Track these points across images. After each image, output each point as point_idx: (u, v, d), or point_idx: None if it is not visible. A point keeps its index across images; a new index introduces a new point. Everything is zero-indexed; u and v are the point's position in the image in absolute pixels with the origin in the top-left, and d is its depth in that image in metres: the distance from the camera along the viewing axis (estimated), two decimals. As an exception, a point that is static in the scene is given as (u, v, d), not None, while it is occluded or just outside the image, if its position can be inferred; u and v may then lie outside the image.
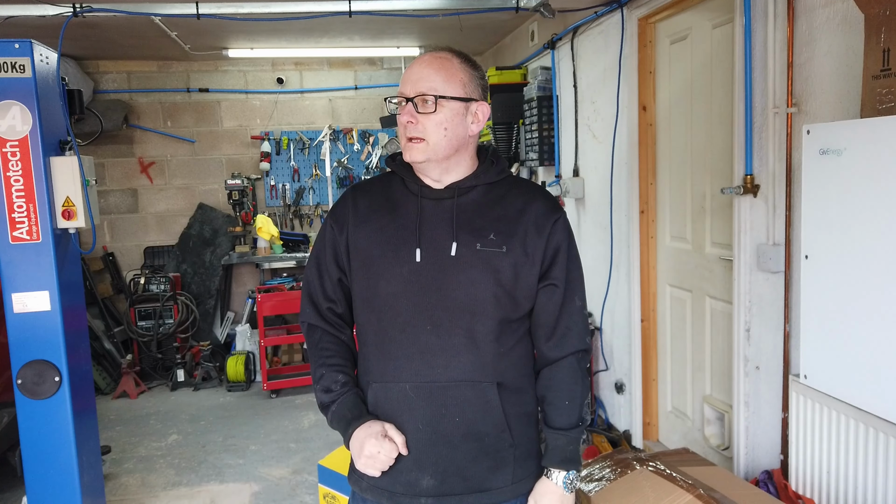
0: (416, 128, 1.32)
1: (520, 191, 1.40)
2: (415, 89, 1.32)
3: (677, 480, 1.84)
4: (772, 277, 2.44)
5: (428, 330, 1.32)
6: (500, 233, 1.33)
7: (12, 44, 2.38)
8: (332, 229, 1.43)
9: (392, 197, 1.41)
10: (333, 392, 1.38)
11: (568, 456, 1.37)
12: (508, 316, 1.34)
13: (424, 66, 1.33)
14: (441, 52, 1.36)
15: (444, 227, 1.34)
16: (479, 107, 1.37)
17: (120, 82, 5.57)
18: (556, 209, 1.39)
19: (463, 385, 1.32)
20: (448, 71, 1.33)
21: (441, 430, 1.33)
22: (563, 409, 1.37)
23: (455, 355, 1.32)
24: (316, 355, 1.43)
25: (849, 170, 1.83)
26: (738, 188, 2.47)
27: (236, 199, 5.39)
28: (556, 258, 1.36)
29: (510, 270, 1.32)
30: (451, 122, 1.32)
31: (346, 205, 1.44)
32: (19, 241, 2.45)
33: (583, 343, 1.40)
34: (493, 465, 1.36)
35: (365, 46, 5.27)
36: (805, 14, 2.21)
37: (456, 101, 1.32)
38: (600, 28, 3.57)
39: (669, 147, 3.22)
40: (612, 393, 3.71)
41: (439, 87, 1.31)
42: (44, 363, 2.51)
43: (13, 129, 2.40)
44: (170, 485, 3.46)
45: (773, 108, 2.33)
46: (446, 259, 1.32)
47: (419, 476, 1.35)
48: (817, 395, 2.03)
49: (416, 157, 1.33)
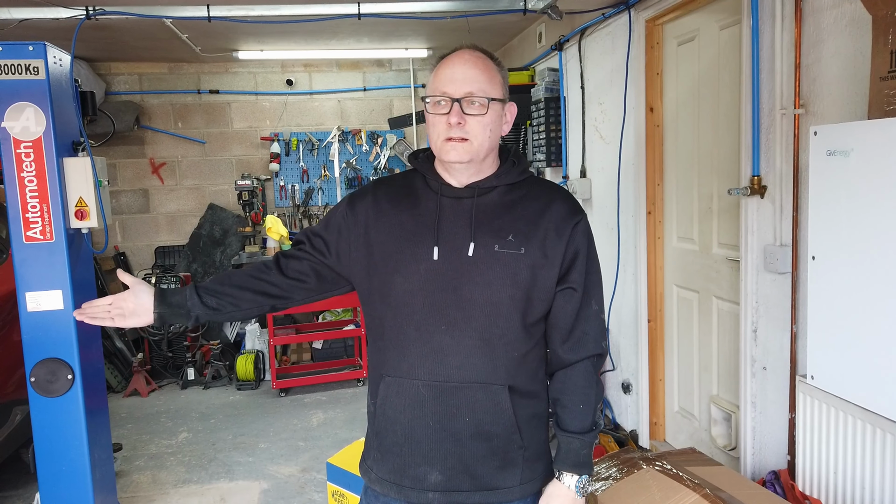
0: (463, 129, 1.29)
1: (540, 192, 1.38)
2: (462, 90, 1.28)
3: (684, 480, 1.85)
4: (779, 278, 2.45)
5: (443, 330, 1.31)
6: (518, 234, 1.32)
7: (26, 46, 2.41)
8: (346, 217, 1.43)
9: (413, 193, 1.40)
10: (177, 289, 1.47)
11: (581, 460, 1.36)
12: (525, 319, 1.33)
13: (469, 66, 1.30)
14: (478, 52, 1.34)
15: (463, 226, 1.33)
16: (510, 107, 1.38)
17: (131, 84, 5.62)
18: (576, 212, 1.37)
19: (475, 386, 1.32)
20: (490, 72, 1.32)
21: (451, 429, 1.34)
22: (577, 412, 1.36)
23: (468, 356, 1.31)
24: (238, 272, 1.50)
25: (856, 171, 1.83)
26: (745, 189, 2.47)
27: (246, 200, 5.42)
28: (576, 262, 1.34)
29: (528, 273, 1.31)
30: (495, 124, 1.32)
31: (366, 198, 1.43)
32: (33, 241, 2.49)
33: (598, 347, 1.38)
34: (501, 464, 1.36)
35: (373, 48, 5.30)
36: (812, 15, 2.21)
37: (499, 103, 1.33)
38: (608, 30, 3.58)
39: (676, 148, 3.22)
40: (619, 393, 3.71)
41: (487, 88, 1.30)
42: (57, 361, 2.54)
43: (27, 130, 2.44)
44: (180, 482, 3.49)
45: (781, 109, 2.33)
46: (463, 259, 1.31)
47: (427, 471, 1.36)
48: (824, 396, 2.03)
49: (462, 157, 1.30)
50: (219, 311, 1.46)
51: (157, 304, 1.43)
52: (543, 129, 4.17)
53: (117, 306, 1.45)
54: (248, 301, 1.46)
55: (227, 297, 1.45)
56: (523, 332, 1.33)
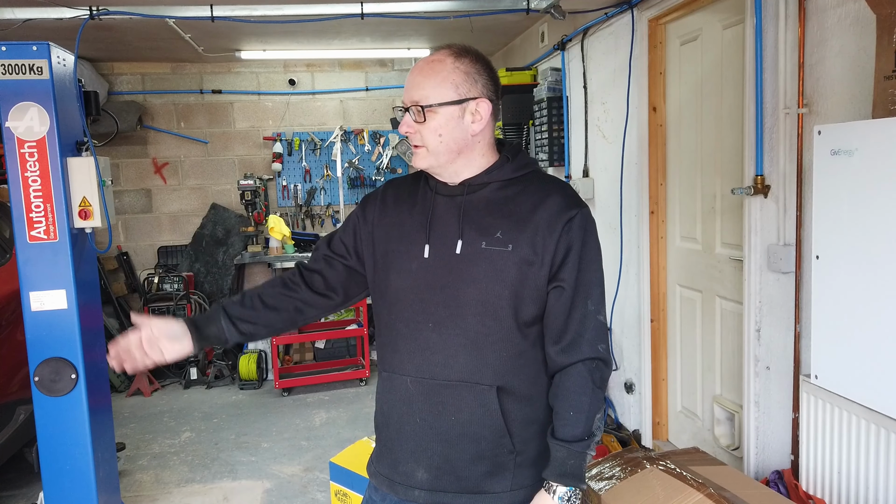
0: (415, 136, 1.33)
1: (537, 187, 1.34)
2: (409, 98, 1.32)
3: (687, 479, 1.85)
4: (782, 278, 2.44)
5: (430, 327, 1.32)
6: (507, 231, 1.29)
7: (30, 46, 2.41)
8: (359, 217, 1.47)
9: (415, 193, 1.42)
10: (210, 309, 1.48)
11: (568, 470, 1.28)
12: (514, 318, 1.29)
13: (416, 73, 1.33)
14: (435, 54, 1.34)
15: (453, 224, 1.34)
16: (479, 104, 1.31)
17: (134, 84, 5.63)
18: (572, 206, 1.31)
19: (461, 385, 1.31)
20: (439, 75, 1.30)
21: (437, 427, 1.33)
22: (566, 419, 1.29)
23: (454, 355, 1.30)
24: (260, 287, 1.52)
25: (861, 170, 1.83)
26: (749, 189, 2.47)
27: (249, 200, 5.43)
28: (567, 258, 1.29)
29: (515, 270, 1.28)
30: (445, 128, 1.30)
31: (375, 199, 1.47)
32: (37, 241, 2.49)
33: (594, 350, 1.30)
34: (490, 469, 1.33)
35: (376, 48, 5.30)
36: (816, 15, 2.21)
37: (448, 106, 1.29)
38: (610, 29, 3.57)
39: (679, 148, 3.21)
40: (622, 392, 3.71)
41: (429, 94, 1.29)
42: (61, 361, 2.54)
43: (31, 129, 2.44)
44: (183, 481, 3.50)
45: (784, 108, 2.33)
46: (452, 257, 1.31)
47: (414, 468, 1.37)
48: (829, 396, 2.03)
49: (420, 164, 1.36)
50: (254, 335, 1.49)
51: (195, 337, 1.42)
52: (546, 129, 4.17)
53: (148, 337, 1.39)
54: (281, 322, 1.49)
55: (261, 322, 1.47)
56: (517, 332, 1.31)
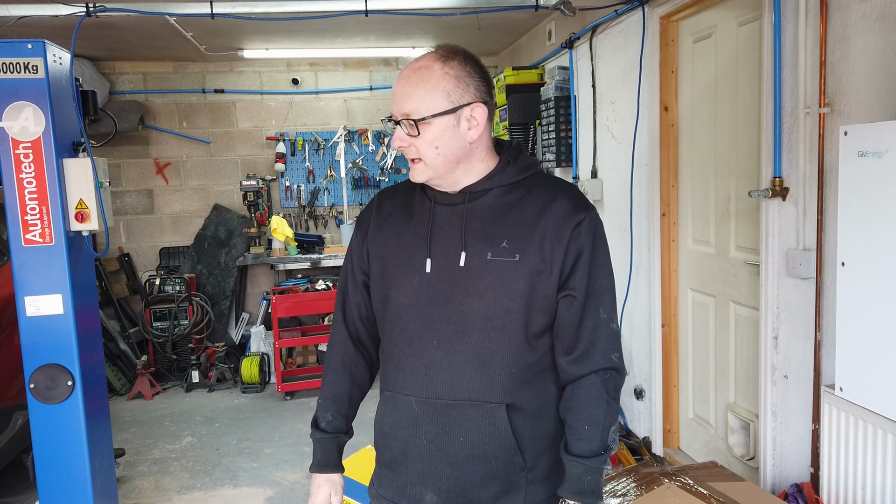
0: (410, 150, 1.24)
1: (542, 191, 1.26)
2: (398, 111, 1.23)
3: (706, 497, 1.77)
4: (802, 284, 2.36)
5: (434, 345, 1.24)
6: (514, 239, 1.22)
7: (25, 44, 2.35)
8: (357, 236, 1.40)
9: (411, 203, 1.34)
10: (320, 426, 1.43)
11: (585, 487, 1.22)
12: (524, 331, 1.23)
13: (403, 82, 1.23)
14: (421, 60, 1.24)
15: (455, 235, 1.25)
16: (474, 109, 1.23)
17: (136, 83, 5.57)
18: (579, 209, 1.24)
19: (468, 405, 1.24)
20: (428, 83, 1.21)
21: (445, 449, 1.26)
22: (581, 433, 1.23)
23: (460, 373, 1.23)
24: (326, 365, 1.46)
25: (891, 172, 1.74)
26: (767, 191, 2.39)
27: (251, 200, 5.39)
28: (577, 265, 1.22)
29: (524, 281, 1.21)
30: (441, 139, 1.21)
31: (370, 210, 1.40)
32: (32, 244, 2.43)
33: (607, 360, 1.24)
34: (502, 490, 1.26)
35: (380, 46, 5.23)
36: (839, 10, 2.12)
37: (441, 116, 1.21)
38: (620, 27, 3.49)
39: (692, 148, 3.13)
40: (632, 399, 3.63)
41: (420, 105, 1.20)
42: (56, 367, 2.48)
43: (26, 130, 2.38)
44: (184, 488, 3.43)
45: (805, 108, 2.25)
46: (455, 270, 1.23)
47: (422, 491, 1.30)
48: (853, 408, 1.94)
49: (418, 178, 1.27)
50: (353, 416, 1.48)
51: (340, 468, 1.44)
52: (553, 129, 4.09)
53: None
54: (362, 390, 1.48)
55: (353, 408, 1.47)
56: (525, 346, 1.24)
